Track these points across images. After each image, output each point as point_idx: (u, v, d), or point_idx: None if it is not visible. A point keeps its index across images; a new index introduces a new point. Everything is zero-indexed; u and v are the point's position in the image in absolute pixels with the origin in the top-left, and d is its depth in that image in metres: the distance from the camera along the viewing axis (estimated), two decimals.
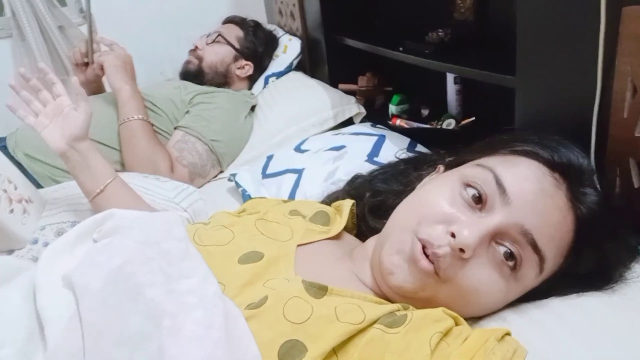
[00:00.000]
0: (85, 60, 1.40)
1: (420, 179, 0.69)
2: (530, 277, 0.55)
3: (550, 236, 0.53)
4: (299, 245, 0.62)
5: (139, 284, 0.47)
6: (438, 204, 0.56)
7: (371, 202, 0.73)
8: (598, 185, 0.60)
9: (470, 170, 0.59)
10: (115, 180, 0.87)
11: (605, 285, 0.58)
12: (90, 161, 0.86)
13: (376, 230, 0.68)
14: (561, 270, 0.56)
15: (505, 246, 0.53)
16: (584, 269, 0.57)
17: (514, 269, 0.53)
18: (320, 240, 0.65)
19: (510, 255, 0.53)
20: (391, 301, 0.57)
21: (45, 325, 0.44)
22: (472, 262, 0.53)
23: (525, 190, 0.54)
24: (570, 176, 0.56)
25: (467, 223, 0.53)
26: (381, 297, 0.58)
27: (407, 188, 0.70)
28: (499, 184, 0.55)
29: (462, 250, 0.52)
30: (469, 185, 0.56)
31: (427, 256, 0.53)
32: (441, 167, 0.67)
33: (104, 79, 1.43)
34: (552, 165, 0.57)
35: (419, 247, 0.54)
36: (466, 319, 0.55)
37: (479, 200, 0.55)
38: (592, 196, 0.56)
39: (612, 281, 0.58)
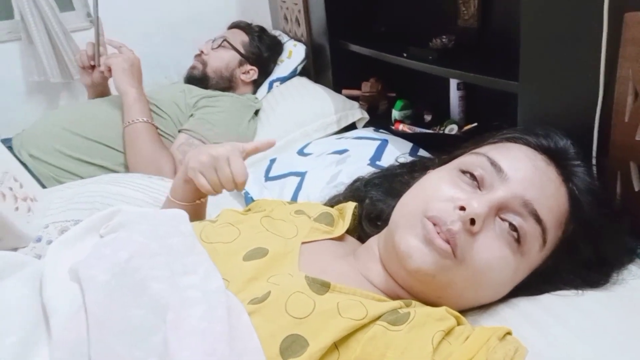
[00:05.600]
0: (92, 63, 1.41)
1: (415, 180, 0.70)
2: (535, 250, 0.56)
3: (548, 207, 0.55)
4: (303, 243, 0.62)
5: (144, 278, 0.47)
6: (441, 187, 0.58)
7: (367, 209, 0.74)
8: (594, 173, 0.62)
9: (465, 159, 0.62)
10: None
11: (603, 282, 0.59)
12: None
13: (372, 235, 0.68)
14: (562, 247, 0.57)
15: (510, 220, 0.55)
16: (582, 247, 0.58)
17: (519, 241, 0.55)
18: (324, 239, 0.65)
19: (516, 229, 0.54)
20: (396, 296, 0.58)
21: (51, 316, 0.45)
22: (482, 237, 0.54)
23: (520, 167, 0.57)
24: (557, 156, 0.60)
25: (473, 197, 0.55)
26: (384, 293, 0.59)
27: (403, 191, 0.70)
28: (494, 164, 0.57)
29: (472, 222, 0.53)
30: (465, 171, 0.59)
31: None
32: (433, 168, 0.68)
33: (110, 82, 1.44)
34: (539, 148, 0.60)
35: (431, 226, 0.55)
36: (462, 312, 0.56)
37: (476, 184, 0.58)
38: (581, 171, 0.59)
39: (609, 279, 0.59)
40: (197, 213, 0.83)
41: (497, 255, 0.54)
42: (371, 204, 0.74)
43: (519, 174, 0.56)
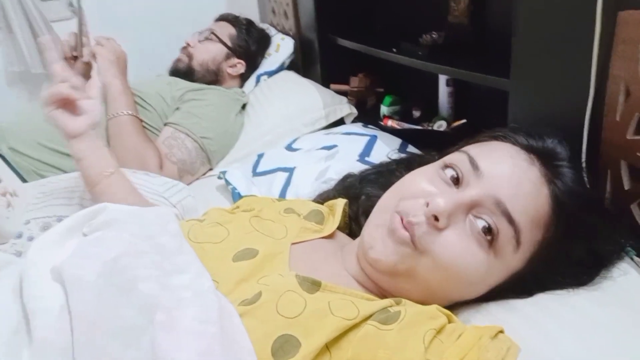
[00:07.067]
0: (74, 53, 1.37)
1: None
2: (509, 251, 0.55)
3: (524, 206, 0.54)
4: (293, 244, 0.61)
5: (133, 278, 0.46)
6: (417, 183, 0.59)
7: (363, 205, 0.74)
8: (585, 174, 0.62)
9: (449, 156, 0.62)
10: (119, 167, 0.88)
11: (592, 279, 0.58)
12: (99, 146, 0.86)
13: None
14: (544, 249, 0.56)
15: (483, 219, 0.54)
16: (567, 249, 0.57)
17: (491, 241, 0.54)
18: (314, 239, 0.65)
19: (487, 228, 0.54)
20: (382, 295, 0.57)
21: (32, 317, 0.43)
22: (449, 233, 0.54)
23: (498, 166, 0.56)
24: (543, 156, 0.59)
25: (442, 195, 0.55)
26: (371, 292, 0.58)
27: None
28: (472, 162, 0.57)
29: (436, 218, 0.53)
30: (447, 167, 0.59)
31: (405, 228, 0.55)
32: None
33: (93, 73, 1.40)
34: (526, 147, 0.60)
35: (397, 218, 0.55)
36: (455, 310, 0.56)
37: (456, 181, 0.58)
38: (567, 172, 0.58)
39: (598, 275, 0.59)
40: (121, 187, 0.86)
41: (463, 251, 0.54)
42: (368, 200, 0.73)
43: (496, 172, 0.55)
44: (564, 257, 0.58)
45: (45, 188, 0.98)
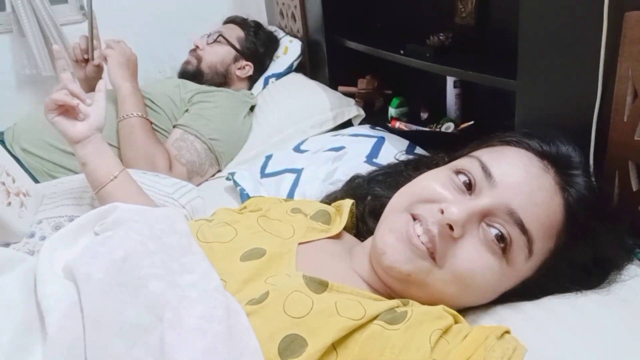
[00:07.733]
0: (85, 56, 1.39)
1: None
2: (521, 260, 0.55)
3: (536, 215, 0.54)
4: (300, 244, 0.62)
5: (141, 276, 0.46)
6: (430, 186, 0.59)
7: (371, 205, 0.74)
8: (593, 178, 0.61)
9: (460, 161, 0.61)
10: (125, 170, 0.89)
11: (600, 283, 0.58)
12: (104, 150, 0.88)
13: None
14: (555, 258, 0.56)
15: (496, 227, 0.54)
16: (577, 257, 0.57)
17: (504, 249, 0.54)
18: (321, 239, 0.65)
19: (500, 236, 0.54)
20: (389, 296, 0.57)
21: (46, 314, 0.44)
22: (464, 242, 0.54)
23: (511, 174, 0.56)
24: (558, 162, 0.58)
25: (456, 202, 0.55)
26: (379, 293, 0.59)
27: None
28: (485, 169, 0.57)
29: (450, 228, 0.53)
30: (459, 172, 0.58)
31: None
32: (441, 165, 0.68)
33: (105, 77, 1.42)
34: (540, 153, 0.59)
35: (411, 223, 0.55)
36: (462, 312, 0.56)
37: (469, 187, 0.57)
38: (581, 180, 0.57)
39: (606, 279, 0.59)
40: (127, 189, 0.87)
41: (479, 261, 0.54)
42: (375, 200, 0.73)
43: (509, 180, 0.55)
44: (573, 265, 0.58)
45: (56, 188, 1.00)
